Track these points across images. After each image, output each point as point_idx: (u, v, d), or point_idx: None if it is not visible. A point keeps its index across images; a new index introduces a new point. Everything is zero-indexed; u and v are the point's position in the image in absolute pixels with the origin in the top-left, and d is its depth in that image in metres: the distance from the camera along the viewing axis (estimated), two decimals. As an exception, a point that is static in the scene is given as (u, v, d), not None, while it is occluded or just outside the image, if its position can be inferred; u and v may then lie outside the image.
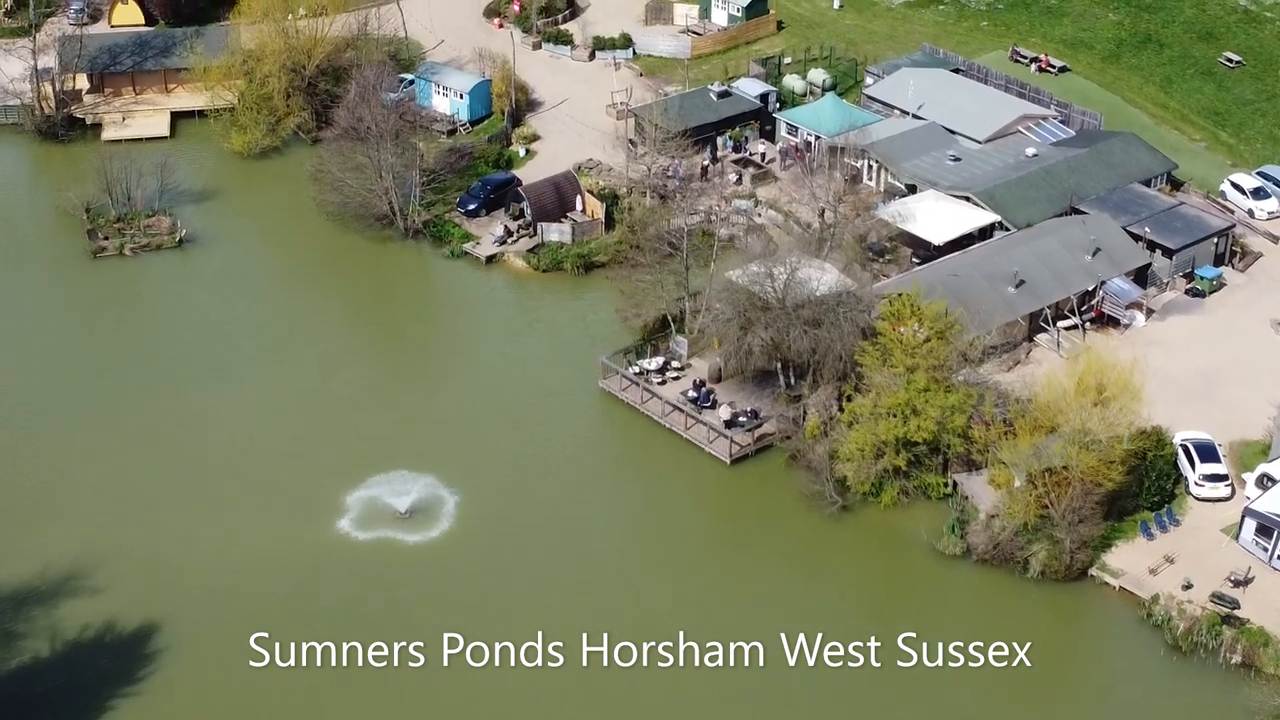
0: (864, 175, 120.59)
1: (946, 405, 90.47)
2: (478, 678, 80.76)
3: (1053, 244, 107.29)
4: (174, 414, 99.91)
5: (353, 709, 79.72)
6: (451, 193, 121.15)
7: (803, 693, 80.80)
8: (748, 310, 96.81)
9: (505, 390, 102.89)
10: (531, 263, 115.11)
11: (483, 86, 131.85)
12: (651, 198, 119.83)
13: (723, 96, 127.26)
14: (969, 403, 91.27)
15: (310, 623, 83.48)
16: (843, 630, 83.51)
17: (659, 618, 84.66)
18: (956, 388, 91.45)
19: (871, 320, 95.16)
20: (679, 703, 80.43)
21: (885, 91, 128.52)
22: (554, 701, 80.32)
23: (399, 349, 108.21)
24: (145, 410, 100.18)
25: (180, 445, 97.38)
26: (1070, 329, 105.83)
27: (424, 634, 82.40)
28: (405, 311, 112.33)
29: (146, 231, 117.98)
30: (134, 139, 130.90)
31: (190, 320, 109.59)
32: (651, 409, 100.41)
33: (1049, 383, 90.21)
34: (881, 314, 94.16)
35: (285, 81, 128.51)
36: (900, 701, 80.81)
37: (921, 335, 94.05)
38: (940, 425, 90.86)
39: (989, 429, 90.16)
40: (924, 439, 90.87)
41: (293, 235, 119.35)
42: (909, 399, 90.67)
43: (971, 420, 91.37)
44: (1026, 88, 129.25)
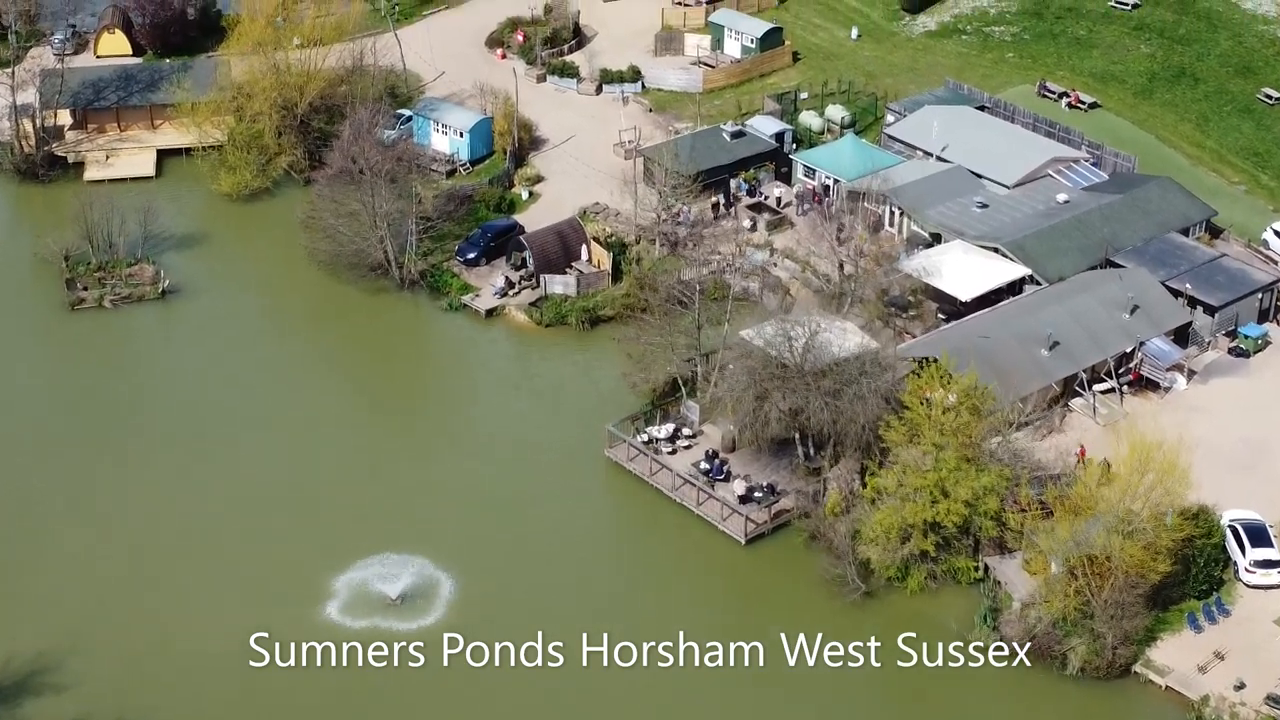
0: (886, 222, 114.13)
1: (978, 487, 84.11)
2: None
3: (1088, 301, 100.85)
4: (149, 484, 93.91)
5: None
6: (450, 240, 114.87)
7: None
8: (764, 377, 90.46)
9: (504, 459, 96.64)
10: (534, 317, 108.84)
11: (484, 124, 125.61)
12: (661, 246, 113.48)
13: (736, 136, 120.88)
14: (1003, 484, 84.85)
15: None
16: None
17: (667, 713, 79.59)
18: (989, 467, 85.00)
19: (897, 393, 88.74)
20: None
21: (907, 131, 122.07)
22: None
23: (392, 413, 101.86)
24: (119, 480, 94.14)
25: (156, 519, 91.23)
26: (1107, 392, 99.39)
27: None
28: (400, 370, 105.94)
29: (128, 281, 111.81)
30: (118, 179, 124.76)
31: (170, 379, 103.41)
32: (661, 481, 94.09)
33: (1089, 466, 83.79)
34: (909, 386, 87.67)
35: (276, 120, 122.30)
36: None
37: (951, 400, 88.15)
38: (971, 508, 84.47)
39: (1025, 515, 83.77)
40: (954, 524, 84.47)
41: (282, 285, 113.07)
42: (938, 479, 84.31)
43: (1005, 504, 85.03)
44: (1056, 127, 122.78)
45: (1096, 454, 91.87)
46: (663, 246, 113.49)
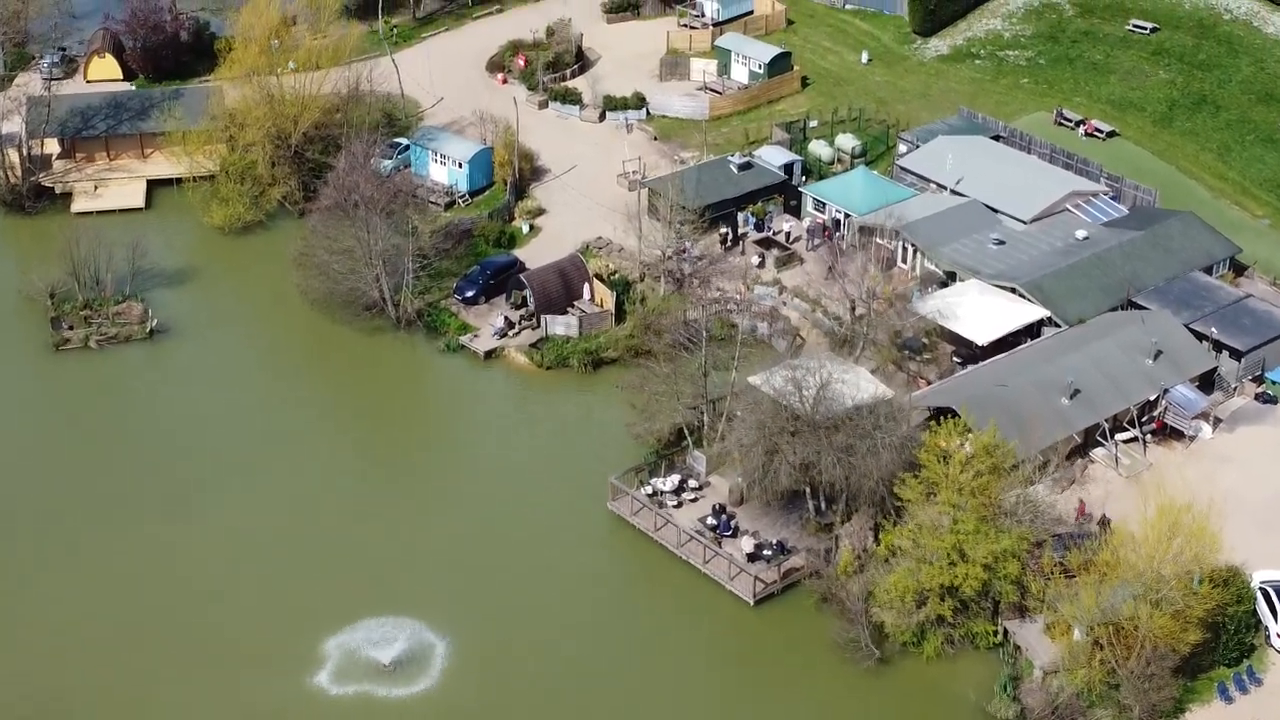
0: (899, 258, 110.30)
1: (998, 550, 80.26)
2: None
3: (1109, 347, 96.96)
4: (133, 538, 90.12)
5: None
6: (448, 277, 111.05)
7: None
8: (773, 431, 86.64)
9: (503, 512, 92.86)
10: (534, 359, 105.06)
11: (484, 155, 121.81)
12: (666, 283, 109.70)
13: (744, 168, 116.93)
14: (1023, 547, 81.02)
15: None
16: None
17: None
18: (1009, 529, 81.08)
19: (913, 449, 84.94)
20: None
21: (920, 163, 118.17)
22: None
23: (387, 463, 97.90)
24: (101, 535, 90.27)
25: (141, 575, 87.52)
26: (1129, 442, 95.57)
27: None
28: (395, 417, 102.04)
29: (115, 320, 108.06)
30: (106, 210, 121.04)
31: (156, 425, 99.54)
32: (666, 537, 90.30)
33: (1116, 531, 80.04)
34: (925, 441, 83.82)
35: (270, 150, 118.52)
36: None
37: (968, 449, 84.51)
38: (990, 571, 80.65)
39: (1048, 582, 79.98)
40: (973, 589, 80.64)
41: (274, 324, 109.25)
42: (956, 541, 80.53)
43: (1026, 568, 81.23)
44: (1074, 158, 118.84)
45: (1111, 510, 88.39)
46: (668, 284, 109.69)
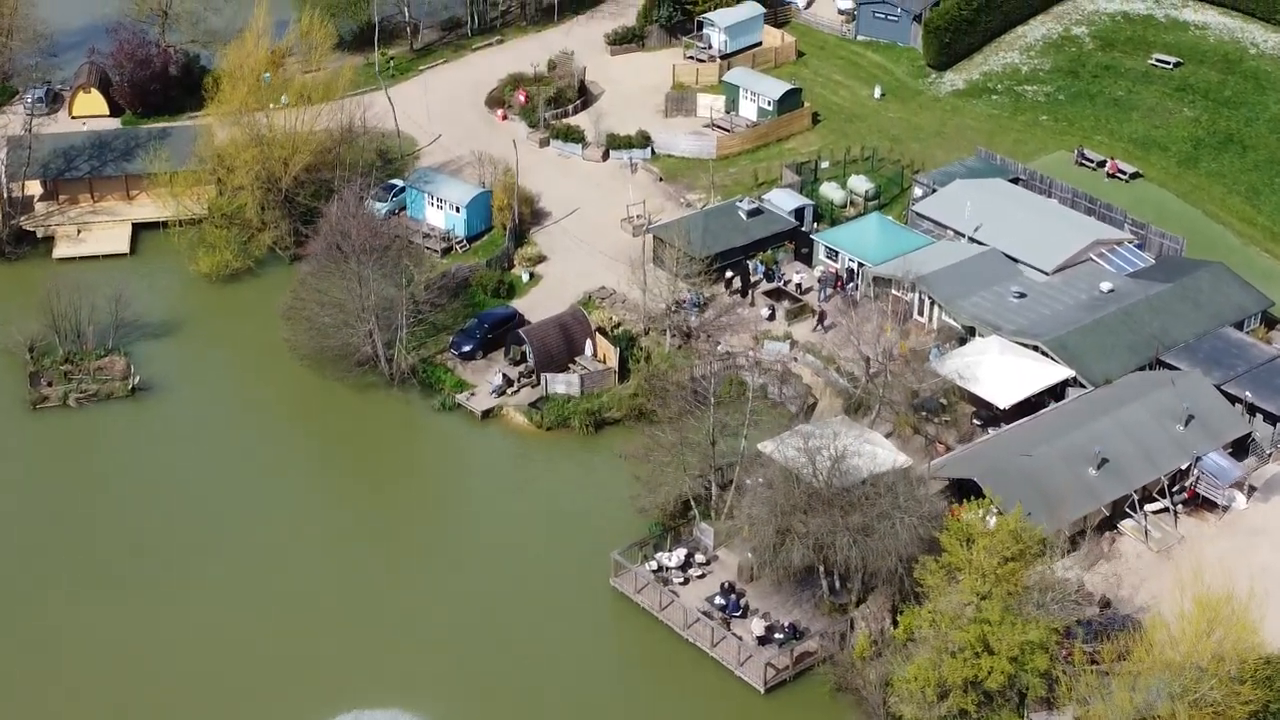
0: (915, 309, 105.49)
1: (1025, 642, 75.40)
2: None
3: (1139, 412, 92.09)
4: (109, 616, 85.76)
5: None
6: (444, 330, 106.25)
7: None
8: (785, 509, 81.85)
9: (500, 588, 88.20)
10: (534, 419, 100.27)
11: (482, 199, 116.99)
12: (672, 337, 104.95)
13: (753, 214, 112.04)
14: (1053, 639, 76.17)
15: None
16: None
17: None
18: (1037, 619, 76.14)
19: (934, 529, 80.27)
20: None
21: (937, 208, 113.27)
22: None
23: (377, 532, 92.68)
24: (75, 611, 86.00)
25: (113, 656, 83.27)
26: (1159, 512, 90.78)
27: None
28: (386, 482, 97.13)
29: (96, 376, 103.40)
30: (89, 256, 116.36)
31: (136, 492, 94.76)
32: (672, 617, 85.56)
33: (1153, 624, 75.32)
34: (948, 525, 78.99)
35: (259, 195, 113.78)
36: None
37: (991, 523, 79.97)
38: (1017, 663, 75.81)
39: (1079, 679, 75.18)
40: (998, 684, 75.81)
41: (261, 382, 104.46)
42: (980, 633, 75.70)
43: (1056, 661, 76.45)
44: (1097, 203, 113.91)
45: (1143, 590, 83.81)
46: (674, 338, 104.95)
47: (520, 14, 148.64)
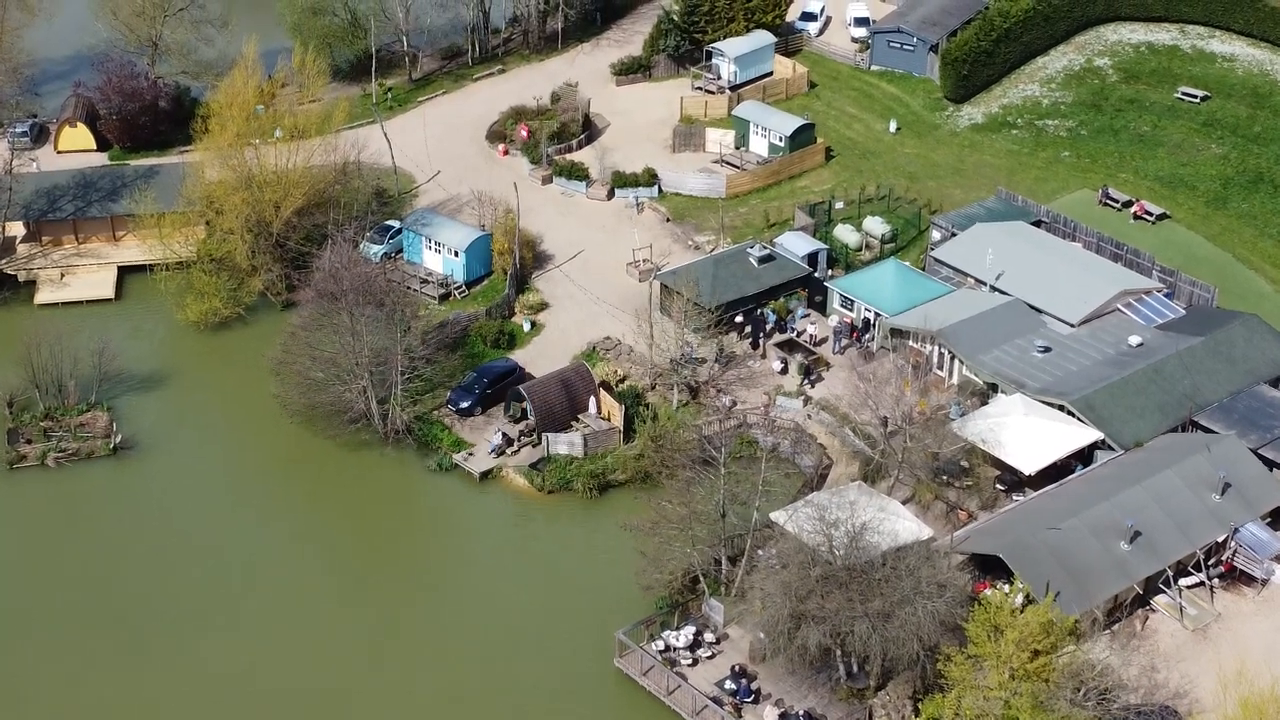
0: (934, 362, 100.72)
1: (1058, 744, 70.75)
2: None
3: (1172, 480, 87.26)
4: (87, 692, 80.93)
5: None
6: (441, 387, 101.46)
7: None
8: (801, 594, 77.06)
9: (496, 667, 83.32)
10: (535, 481, 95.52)
11: (482, 242, 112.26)
12: (679, 393, 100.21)
13: (765, 261, 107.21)
14: (1087, 739, 71.46)
15: None
16: None
17: None
18: (1068, 716, 71.33)
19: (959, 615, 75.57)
20: None
21: (956, 254, 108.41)
22: None
23: (368, 604, 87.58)
24: (50, 684, 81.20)
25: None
26: (1194, 587, 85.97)
27: None
28: (380, 549, 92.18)
29: (77, 433, 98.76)
30: (73, 301, 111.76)
31: (115, 561, 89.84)
32: (680, 703, 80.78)
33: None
34: (973, 615, 74.17)
35: (250, 240, 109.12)
36: None
37: (1018, 601, 75.57)
38: (1049, 764, 71.19)
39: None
40: (1028, 786, 71.14)
41: (249, 440, 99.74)
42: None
43: (1089, 761, 71.81)
44: (1123, 248, 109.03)
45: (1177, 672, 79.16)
46: (681, 393, 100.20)
47: (523, 42, 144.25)
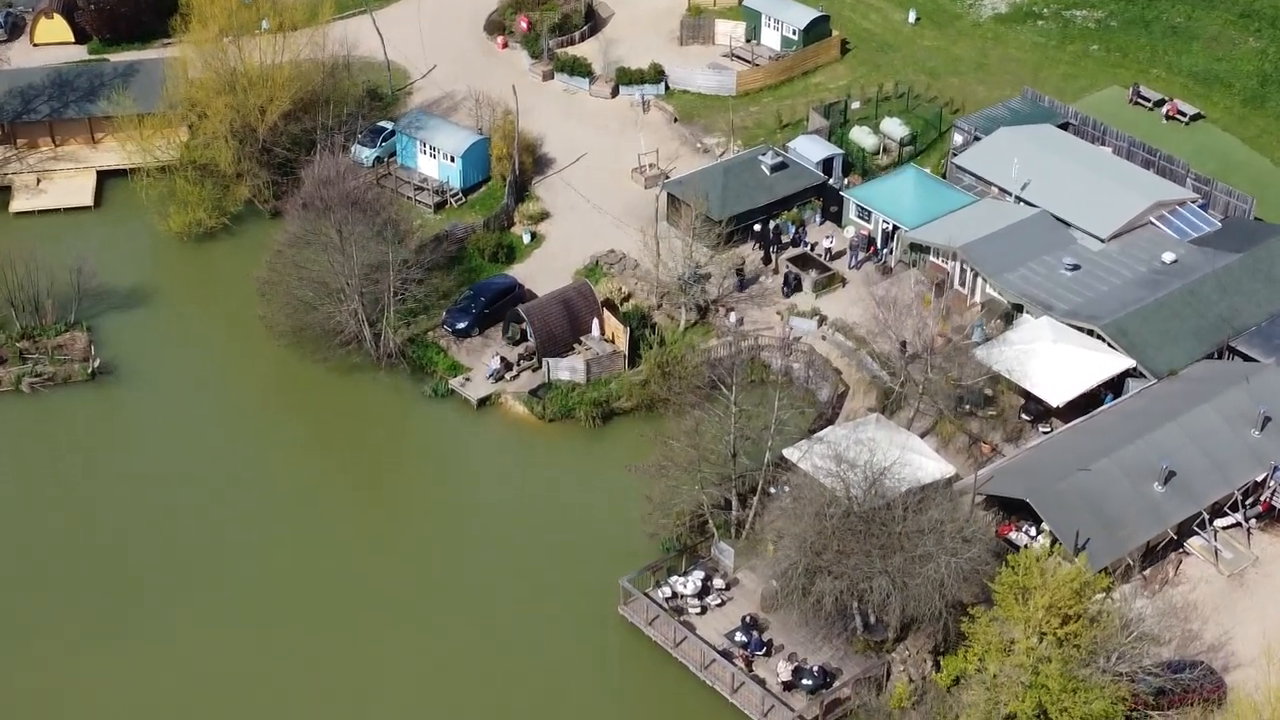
0: (955, 279, 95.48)
1: (1088, 715, 66.42)
2: None
3: (1209, 415, 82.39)
4: (62, 634, 77.16)
5: None
6: (436, 305, 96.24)
7: None
8: (817, 548, 72.57)
9: (492, 615, 79.10)
10: (535, 409, 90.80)
11: (479, 147, 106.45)
12: (688, 312, 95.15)
13: (777, 169, 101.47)
14: (1120, 711, 67.14)
15: None
16: None
17: None
18: (1101, 686, 67.06)
19: (985, 575, 71.20)
20: None
21: (980, 161, 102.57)
22: None
23: (358, 547, 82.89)
24: (14, 638, 77.11)
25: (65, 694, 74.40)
26: (1230, 527, 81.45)
27: None
28: (372, 482, 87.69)
29: (55, 356, 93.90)
30: (50, 209, 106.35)
31: (94, 492, 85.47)
32: (688, 655, 76.63)
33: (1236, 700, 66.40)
34: (1002, 579, 69.65)
35: (235, 146, 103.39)
36: None
37: (1040, 544, 71.54)
38: (1079, 736, 67.08)
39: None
40: (1057, 759, 67.12)
41: (234, 364, 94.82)
42: (1036, 701, 66.78)
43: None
44: (1156, 154, 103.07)
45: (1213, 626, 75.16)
46: (689, 312, 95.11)
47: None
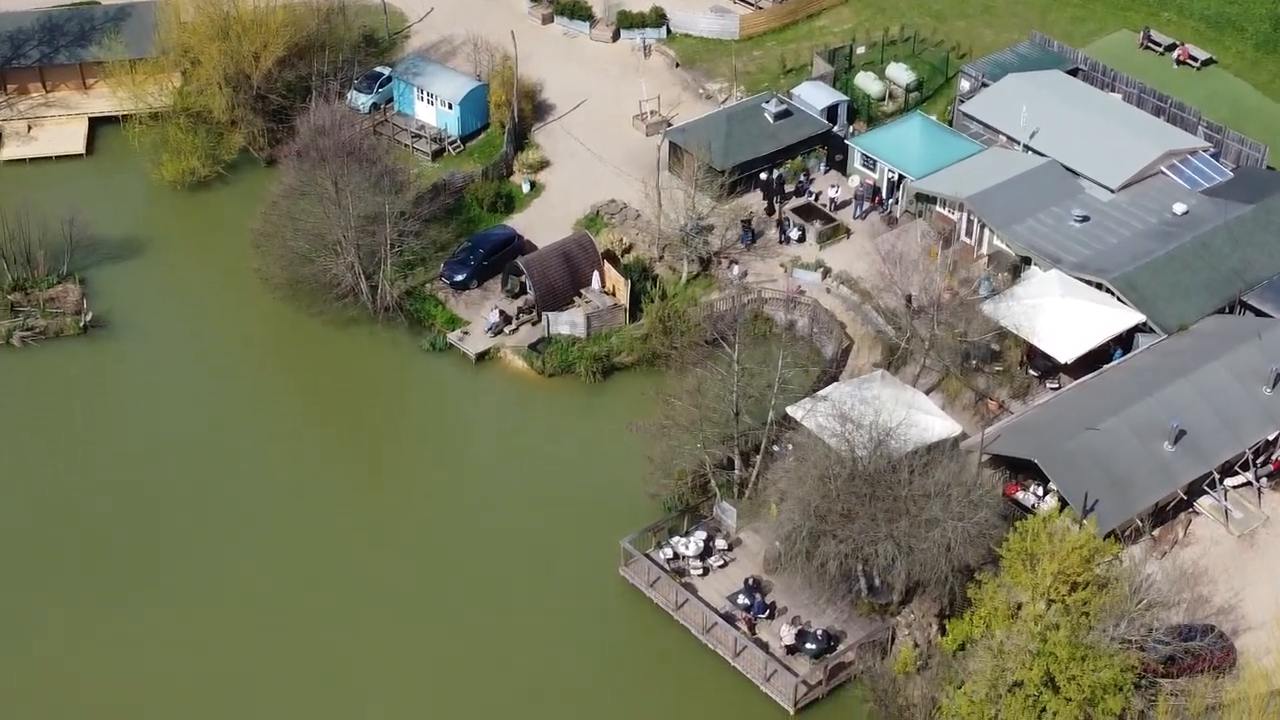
0: (961, 230, 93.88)
1: (1096, 684, 65.34)
2: None
3: (1220, 372, 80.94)
4: (55, 598, 75.93)
5: None
6: (433, 257, 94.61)
7: None
8: (821, 511, 71.33)
9: (490, 574, 77.93)
10: (534, 364, 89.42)
11: (478, 93, 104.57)
12: (690, 264, 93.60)
13: (781, 117, 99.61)
14: (1130, 679, 66.04)
15: None
16: None
17: None
18: (1110, 654, 65.92)
19: (993, 540, 69.98)
20: None
21: (987, 108, 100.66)
22: None
23: (351, 505, 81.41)
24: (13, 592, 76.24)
25: (53, 664, 73.25)
26: (1240, 487, 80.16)
27: None
28: (369, 438, 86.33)
29: (47, 309, 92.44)
30: (41, 157, 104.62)
31: (87, 450, 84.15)
32: (689, 618, 75.56)
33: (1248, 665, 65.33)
34: (1010, 545, 68.41)
35: (229, 94, 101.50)
36: None
37: (1048, 504, 70.61)
38: (1089, 703, 65.88)
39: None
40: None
41: (228, 317, 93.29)
42: (1044, 670, 65.68)
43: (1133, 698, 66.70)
44: (1167, 101, 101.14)
45: (1224, 587, 74.06)
46: (691, 264, 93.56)
47: None
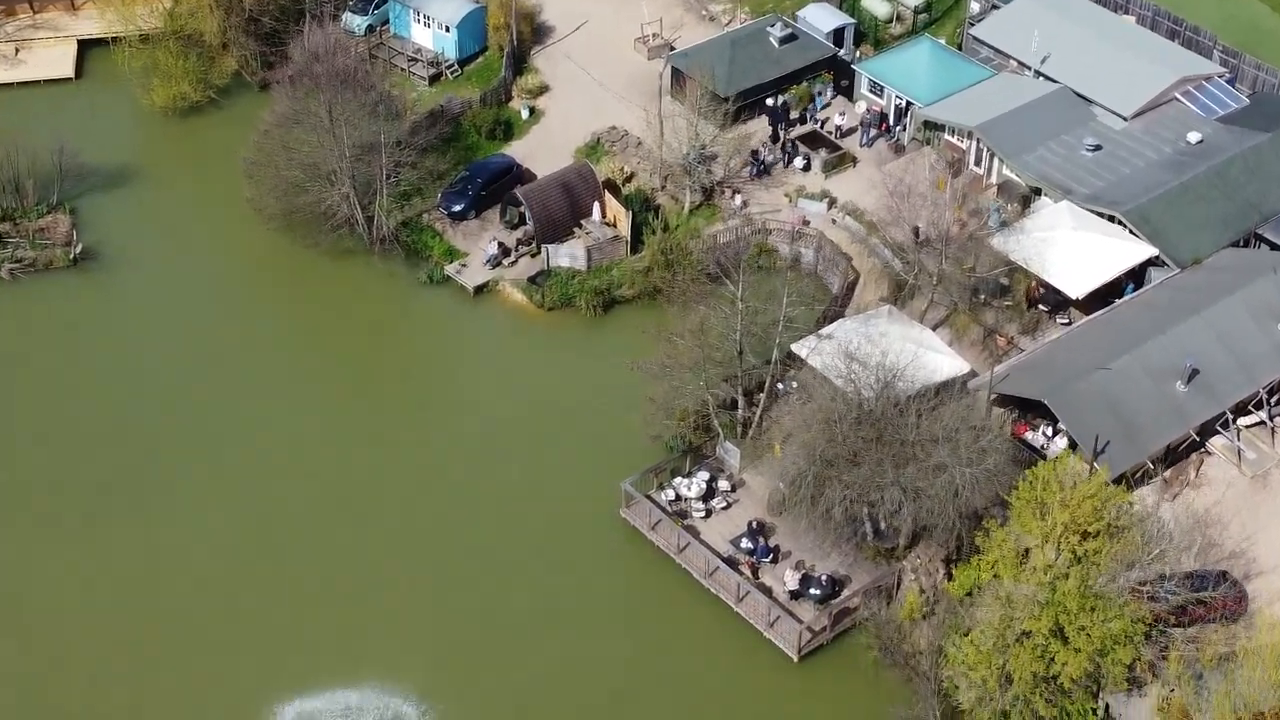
0: (970, 159, 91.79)
1: (1106, 636, 64.05)
2: None
3: (1234, 309, 79.12)
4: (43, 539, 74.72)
5: None
6: (430, 187, 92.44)
7: None
8: (827, 457, 69.82)
9: (487, 519, 76.55)
10: (533, 297, 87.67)
11: (475, 15, 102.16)
12: (692, 194, 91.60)
13: (787, 41, 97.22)
14: (1140, 630, 64.70)
15: None
16: None
17: None
18: (1121, 604, 64.55)
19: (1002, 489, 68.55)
20: None
21: (997, 33, 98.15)
22: None
23: (345, 445, 79.84)
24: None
25: (51, 599, 72.28)
26: (1253, 426, 78.58)
27: None
28: (365, 373, 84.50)
29: (36, 240, 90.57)
30: (29, 81, 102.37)
31: (77, 384, 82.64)
32: (691, 562, 74.28)
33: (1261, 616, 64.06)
34: (1019, 494, 66.92)
35: (219, 17, 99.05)
36: None
37: (1059, 445, 69.39)
38: (1098, 654, 64.64)
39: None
40: (1074, 679, 64.74)
41: (221, 248, 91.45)
42: (1054, 620, 64.37)
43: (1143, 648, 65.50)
44: (1181, 25, 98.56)
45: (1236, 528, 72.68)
46: (694, 194, 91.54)
47: None
